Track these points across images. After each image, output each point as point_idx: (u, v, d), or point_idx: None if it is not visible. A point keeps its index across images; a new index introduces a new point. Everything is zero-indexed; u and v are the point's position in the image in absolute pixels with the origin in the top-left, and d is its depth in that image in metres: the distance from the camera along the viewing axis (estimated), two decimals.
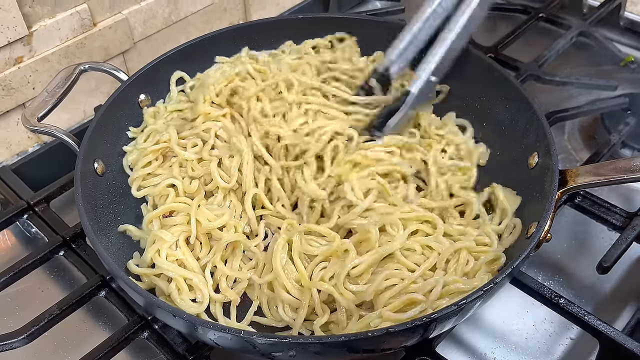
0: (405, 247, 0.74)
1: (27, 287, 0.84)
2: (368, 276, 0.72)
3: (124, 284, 0.67)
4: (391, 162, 0.83)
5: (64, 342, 0.79)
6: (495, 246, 0.76)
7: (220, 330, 0.61)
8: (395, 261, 0.73)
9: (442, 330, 0.67)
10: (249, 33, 1.01)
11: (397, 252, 0.72)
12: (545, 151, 0.78)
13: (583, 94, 1.07)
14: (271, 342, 0.60)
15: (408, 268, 0.72)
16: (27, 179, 0.95)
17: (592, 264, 0.81)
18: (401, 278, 0.71)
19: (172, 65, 0.96)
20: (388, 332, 0.59)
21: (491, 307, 0.80)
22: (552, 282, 0.84)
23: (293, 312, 0.72)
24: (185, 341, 0.74)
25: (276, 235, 0.80)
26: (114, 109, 0.88)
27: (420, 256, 0.73)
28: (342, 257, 0.73)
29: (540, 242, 0.70)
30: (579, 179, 0.73)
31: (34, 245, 0.90)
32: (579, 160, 1.00)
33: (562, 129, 1.06)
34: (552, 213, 0.71)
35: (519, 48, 1.16)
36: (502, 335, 0.78)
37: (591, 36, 1.16)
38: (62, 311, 0.75)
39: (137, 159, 0.87)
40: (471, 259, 0.73)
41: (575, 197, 0.87)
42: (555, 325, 0.79)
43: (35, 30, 0.95)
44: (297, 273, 0.73)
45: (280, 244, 0.74)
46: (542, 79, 1.07)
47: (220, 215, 0.79)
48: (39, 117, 0.82)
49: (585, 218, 0.87)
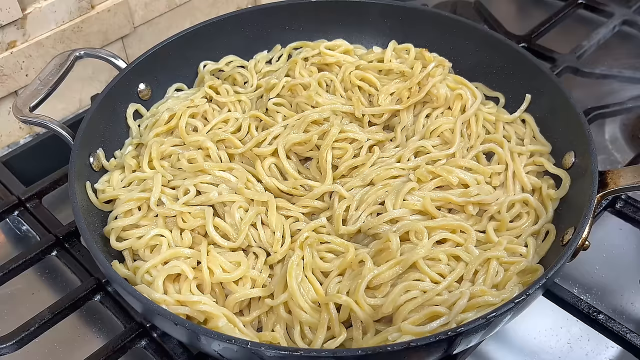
0: (429, 257, 0.73)
1: (17, 289, 0.85)
2: (387, 288, 0.71)
3: (120, 288, 0.67)
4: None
5: (55, 349, 0.79)
6: (530, 257, 0.75)
7: (226, 340, 0.61)
8: (417, 271, 0.72)
9: (467, 345, 0.66)
10: (258, 18, 1.01)
11: (420, 261, 0.72)
12: (583, 150, 0.78)
13: (626, 88, 1.06)
14: (281, 354, 0.60)
15: (431, 279, 0.71)
16: (18, 172, 0.96)
17: (634, 277, 0.80)
18: (423, 290, 0.70)
19: (174, 52, 0.96)
20: (409, 347, 0.59)
21: (521, 322, 0.80)
22: (588, 295, 0.83)
23: (312, 333, 0.70)
24: (186, 351, 0.74)
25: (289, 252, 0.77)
26: (112, 99, 0.89)
27: (445, 266, 0.73)
28: (357, 269, 0.73)
29: (577, 250, 0.69)
30: (620, 181, 0.72)
31: (25, 244, 0.91)
32: (621, 162, 0.99)
33: (602, 127, 1.05)
34: (591, 218, 0.70)
35: (555, 38, 1.15)
36: (532, 353, 0.78)
37: (636, 25, 1.16)
38: (54, 316, 0.76)
39: (118, 204, 0.80)
40: (501, 270, 0.73)
41: (616, 202, 0.87)
42: (593, 343, 0.78)
43: (30, 12, 0.96)
44: (313, 291, 0.72)
45: (295, 261, 0.73)
46: (580, 71, 1.07)
47: (237, 263, 0.74)
48: (31, 106, 0.83)
49: (628, 226, 0.86)
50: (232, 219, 0.78)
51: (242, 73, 0.99)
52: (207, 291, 0.73)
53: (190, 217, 0.78)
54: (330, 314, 0.69)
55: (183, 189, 0.81)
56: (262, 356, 0.61)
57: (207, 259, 0.74)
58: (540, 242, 0.77)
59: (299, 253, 0.74)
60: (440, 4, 1.27)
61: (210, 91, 0.94)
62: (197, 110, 0.92)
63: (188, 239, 0.77)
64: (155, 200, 0.79)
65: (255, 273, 0.75)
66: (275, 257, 0.76)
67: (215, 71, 1.00)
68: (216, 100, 0.94)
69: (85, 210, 0.78)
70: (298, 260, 0.73)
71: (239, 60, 1.01)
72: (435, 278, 0.71)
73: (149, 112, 0.94)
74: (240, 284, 0.74)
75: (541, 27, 1.15)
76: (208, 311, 0.70)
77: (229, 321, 0.70)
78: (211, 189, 0.81)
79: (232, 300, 0.72)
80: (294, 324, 0.71)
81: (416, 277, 0.71)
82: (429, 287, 0.70)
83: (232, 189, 0.81)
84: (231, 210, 0.78)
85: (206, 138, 0.86)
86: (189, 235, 0.78)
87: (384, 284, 0.71)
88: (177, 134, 0.89)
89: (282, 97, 0.94)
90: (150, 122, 0.91)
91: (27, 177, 0.95)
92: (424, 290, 0.70)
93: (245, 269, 0.74)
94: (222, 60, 1.01)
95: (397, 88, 0.92)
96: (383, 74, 0.97)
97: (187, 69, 1.00)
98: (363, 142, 0.87)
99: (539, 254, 0.76)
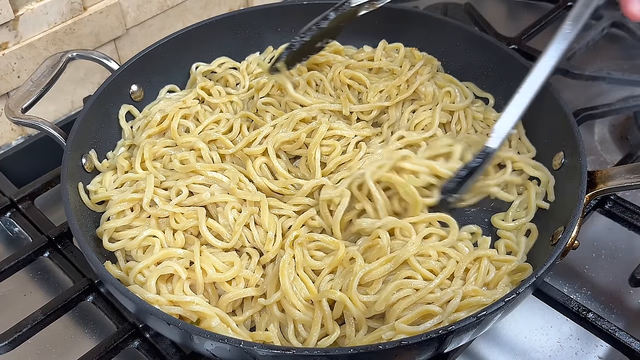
0: (419, 253, 0.74)
1: (9, 290, 0.85)
2: (379, 285, 0.72)
3: (113, 288, 0.68)
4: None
5: (47, 351, 0.79)
6: (520, 256, 0.76)
7: (219, 340, 0.61)
8: (408, 268, 0.73)
9: (458, 344, 0.67)
10: (251, 20, 1.02)
11: (412, 258, 0.72)
12: (573, 150, 0.79)
13: (615, 90, 1.08)
14: (274, 353, 0.60)
15: (423, 276, 0.72)
16: (10, 174, 0.96)
17: (623, 276, 0.81)
18: (415, 288, 0.71)
19: (167, 53, 0.96)
20: (400, 345, 0.60)
21: (512, 321, 0.80)
22: (578, 294, 0.84)
23: (306, 331, 0.71)
24: (179, 351, 0.74)
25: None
26: (104, 101, 0.89)
27: (435, 262, 0.74)
28: (349, 266, 0.74)
29: (566, 249, 0.70)
30: (609, 181, 0.73)
31: (17, 245, 0.91)
32: (610, 163, 1.00)
33: (591, 128, 1.06)
34: (580, 218, 0.71)
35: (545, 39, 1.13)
36: (523, 352, 0.78)
37: (624, 27, 1.16)
38: (47, 317, 0.76)
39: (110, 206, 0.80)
40: (492, 269, 0.74)
41: (605, 202, 0.87)
42: (582, 342, 0.79)
43: (22, 14, 0.96)
44: (305, 289, 0.72)
45: (286, 260, 0.73)
46: (570, 73, 1.07)
47: (229, 263, 0.75)
48: (23, 107, 0.83)
49: (616, 225, 0.87)
50: (226, 219, 0.78)
51: (234, 74, 1.00)
52: (199, 291, 0.73)
53: (183, 217, 0.79)
54: (323, 311, 0.70)
55: (175, 189, 0.81)
56: (255, 355, 0.61)
57: (200, 259, 0.74)
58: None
59: (290, 252, 0.75)
60: (431, 5, 1.28)
61: (202, 92, 0.95)
62: (189, 111, 0.92)
63: (181, 240, 0.77)
64: (147, 201, 0.79)
65: (248, 273, 0.75)
66: (268, 257, 0.77)
67: (208, 73, 1.00)
68: (208, 102, 0.95)
69: (78, 211, 0.78)
70: (289, 259, 0.74)
71: (231, 62, 1.02)
72: (426, 275, 0.72)
73: (141, 114, 0.94)
74: (234, 284, 0.74)
75: (531, 29, 1.16)
76: (201, 311, 0.70)
77: (221, 321, 0.70)
78: (203, 190, 0.81)
79: (225, 300, 0.73)
80: (288, 323, 0.71)
81: (407, 274, 0.72)
82: (421, 285, 0.71)
83: (225, 190, 0.82)
84: (224, 211, 0.79)
85: (198, 139, 0.86)
86: (181, 236, 0.78)
87: (375, 280, 0.72)
88: (169, 135, 0.90)
89: (272, 97, 0.94)
90: (143, 124, 0.91)
91: (20, 178, 0.95)
92: (416, 288, 0.71)
93: (238, 269, 0.74)
94: (215, 62, 1.01)
95: (385, 86, 0.93)
96: (373, 72, 0.98)
97: (179, 71, 1.00)
98: (350, 139, 0.87)
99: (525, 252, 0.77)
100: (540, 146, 0.87)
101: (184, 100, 0.93)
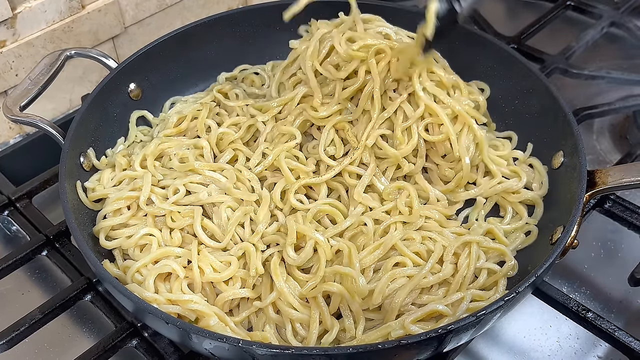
0: (404, 238, 0.76)
1: (7, 289, 0.85)
2: (370, 274, 0.74)
3: (112, 287, 0.67)
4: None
5: (45, 349, 0.79)
6: (510, 245, 0.78)
7: (217, 339, 0.61)
8: (396, 253, 0.75)
9: (457, 343, 0.67)
10: (249, 18, 1.02)
11: (399, 242, 0.75)
12: (572, 150, 0.79)
13: (614, 89, 1.07)
14: (272, 352, 0.60)
15: (412, 261, 0.74)
16: (8, 172, 0.96)
17: (622, 276, 0.81)
18: (408, 276, 0.72)
19: (165, 52, 0.96)
20: (400, 345, 0.60)
21: (511, 321, 0.80)
22: (578, 294, 0.84)
23: (304, 330, 0.71)
24: (178, 350, 0.74)
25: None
26: (102, 99, 0.89)
27: (421, 245, 0.75)
28: (336, 260, 0.75)
29: (566, 248, 0.70)
30: (609, 180, 0.73)
31: (15, 244, 0.91)
32: (609, 162, 1.00)
33: (590, 128, 1.06)
34: (580, 217, 0.71)
35: (545, 39, 1.16)
36: (522, 352, 0.78)
37: (624, 27, 1.16)
38: (45, 316, 0.76)
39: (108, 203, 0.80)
40: (482, 255, 0.75)
41: (604, 201, 0.87)
42: (582, 341, 0.79)
43: (20, 12, 0.96)
44: (299, 287, 0.73)
45: (276, 262, 0.74)
46: (569, 72, 1.07)
47: (227, 263, 0.75)
48: (21, 106, 0.83)
49: (616, 225, 0.87)
50: (220, 219, 0.78)
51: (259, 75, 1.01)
52: (197, 290, 0.73)
53: (180, 216, 0.79)
54: (320, 307, 0.70)
55: (173, 188, 0.81)
56: (254, 354, 0.61)
57: (198, 258, 0.74)
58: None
59: (278, 255, 0.75)
60: None
61: (219, 95, 0.95)
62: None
63: (178, 238, 0.77)
64: (144, 199, 0.79)
65: (244, 273, 0.75)
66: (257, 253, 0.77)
67: (231, 79, 1.01)
68: (224, 105, 0.95)
69: (76, 210, 0.78)
70: (279, 260, 0.75)
71: (252, 67, 1.02)
72: (415, 260, 0.74)
73: (158, 118, 0.96)
74: (230, 284, 0.74)
75: (531, 28, 1.16)
76: (199, 310, 0.70)
77: (220, 320, 0.70)
78: (201, 189, 0.81)
79: (221, 299, 0.73)
80: (285, 324, 0.72)
81: (396, 260, 0.74)
82: (413, 272, 0.72)
83: (222, 189, 0.81)
84: (219, 211, 0.79)
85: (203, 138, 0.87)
86: (178, 235, 0.78)
87: (367, 268, 0.74)
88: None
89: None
90: (161, 127, 0.93)
91: (17, 177, 0.95)
92: (409, 276, 0.72)
93: (235, 269, 0.74)
94: (236, 68, 1.02)
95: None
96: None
97: (177, 69, 1.00)
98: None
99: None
100: (539, 145, 0.87)
101: (201, 103, 0.93)
